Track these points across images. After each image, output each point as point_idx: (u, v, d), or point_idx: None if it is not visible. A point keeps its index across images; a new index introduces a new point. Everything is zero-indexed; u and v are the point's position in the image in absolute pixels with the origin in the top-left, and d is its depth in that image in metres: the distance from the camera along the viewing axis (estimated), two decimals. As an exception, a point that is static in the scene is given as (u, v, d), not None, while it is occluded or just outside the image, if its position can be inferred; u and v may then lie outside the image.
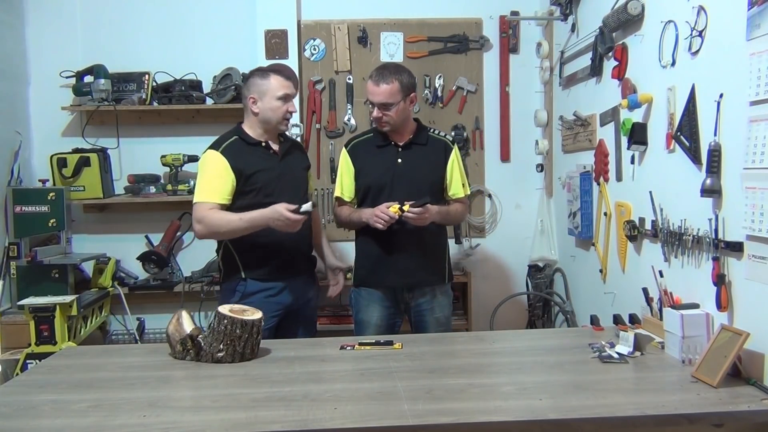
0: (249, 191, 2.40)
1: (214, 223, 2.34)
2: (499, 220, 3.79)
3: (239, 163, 2.39)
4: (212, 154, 2.41)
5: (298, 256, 2.54)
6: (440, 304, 2.60)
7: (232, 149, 2.42)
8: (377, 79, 2.44)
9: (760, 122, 1.63)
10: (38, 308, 2.84)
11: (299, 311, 2.54)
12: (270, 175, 2.45)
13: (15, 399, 1.69)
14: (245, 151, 2.44)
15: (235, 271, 2.46)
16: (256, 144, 2.47)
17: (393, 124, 2.49)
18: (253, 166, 2.42)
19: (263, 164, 2.45)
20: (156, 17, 3.63)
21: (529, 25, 3.68)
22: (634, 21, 2.38)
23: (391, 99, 2.43)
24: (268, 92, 2.42)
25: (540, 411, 1.54)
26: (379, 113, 2.45)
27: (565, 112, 3.22)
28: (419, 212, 2.34)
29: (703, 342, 1.81)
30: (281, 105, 2.43)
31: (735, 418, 1.52)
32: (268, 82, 2.43)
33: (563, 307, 3.31)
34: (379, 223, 2.37)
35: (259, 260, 2.44)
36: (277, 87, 2.42)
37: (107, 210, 3.68)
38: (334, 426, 1.47)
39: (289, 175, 2.52)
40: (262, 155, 2.47)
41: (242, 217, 2.31)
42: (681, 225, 2.03)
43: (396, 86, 2.43)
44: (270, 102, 2.42)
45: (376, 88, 2.43)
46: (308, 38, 3.66)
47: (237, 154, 2.41)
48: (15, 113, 3.49)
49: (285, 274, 2.46)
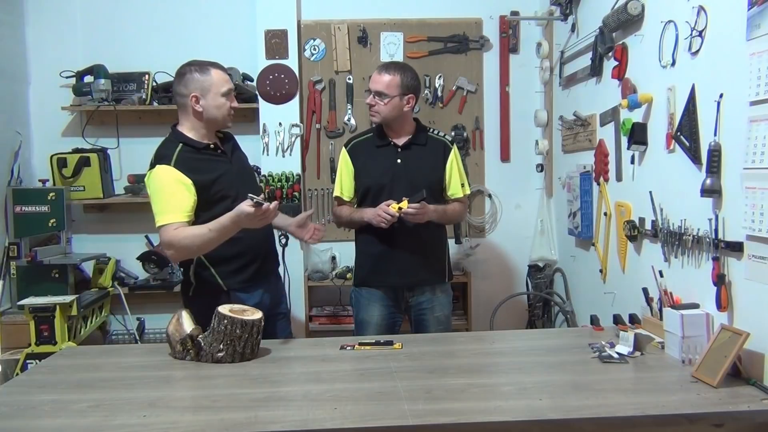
0: (215, 201, 2.20)
1: (184, 243, 2.10)
2: (499, 220, 3.79)
3: (197, 174, 2.16)
4: (164, 170, 2.15)
5: (272, 256, 2.47)
6: (440, 303, 2.60)
7: (183, 160, 2.17)
8: (381, 69, 2.50)
9: (760, 122, 1.63)
10: (38, 308, 2.84)
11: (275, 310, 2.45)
12: (230, 178, 2.26)
13: (15, 399, 1.69)
14: (197, 158, 2.21)
15: (213, 284, 2.27)
16: (205, 148, 2.25)
17: (382, 116, 2.50)
18: (211, 173, 2.21)
19: (220, 168, 2.25)
20: (156, 17, 3.64)
21: (529, 25, 3.68)
22: (634, 21, 2.38)
23: (387, 90, 2.45)
24: (212, 88, 2.22)
25: (540, 411, 1.53)
26: (372, 101, 2.49)
27: (565, 112, 3.22)
28: (417, 208, 2.35)
29: (703, 342, 1.81)
30: (225, 101, 2.24)
31: (735, 418, 1.52)
32: (210, 78, 2.22)
33: (563, 307, 3.31)
34: (383, 222, 2.38)
35: (237, 269, 2.29)
36: (220, 82, 2.23)
37: (107, 210, 3.68)
38: (334, 426, 1.47)
39: (243, 171, 2.40)
40: (215, 159, 2.27)
41: (211, 228, 2.09)
42: (681, 225, 2.03)
43: (396, 80, 2.45)
44: (215, 99, 2.22)
45: (378, 77, 2.48)
46: (308, 38, 3.66)
47: (190, 163, 2.18)
48: (15, 113, 3.49)
49: (262, 278, 2.37)
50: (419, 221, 2.40)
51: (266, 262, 2.41)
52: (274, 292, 2.47)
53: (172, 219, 2.12)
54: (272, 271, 2.51)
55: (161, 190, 2.16)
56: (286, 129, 3.54)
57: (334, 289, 3.59)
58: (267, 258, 2.42)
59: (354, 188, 2.60)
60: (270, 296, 2.42)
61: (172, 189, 2.15)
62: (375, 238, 2.52)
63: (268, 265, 2.44)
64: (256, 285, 2.35)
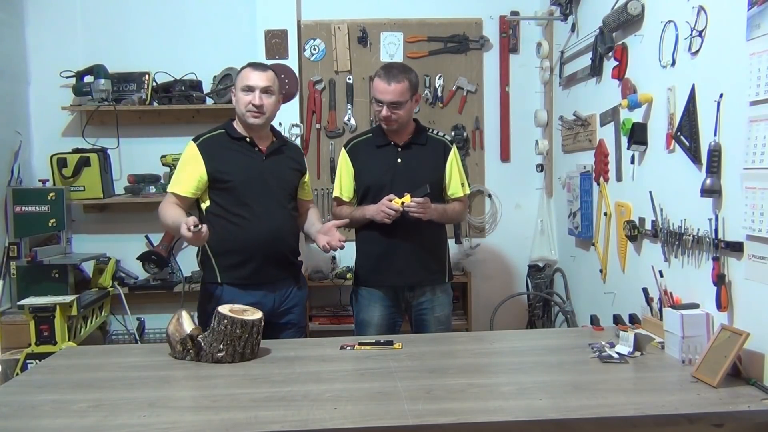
0: (222, 188, 2.32)
1: (160, 216, 2.32)
2: (499, 220, 3.79)
3: (213, 158, 2.33)
4: (188, 146, 2.38)
5: (279, 260, 2.38)
6: (441, 302, 2.60)
7: (210, 142, 2.37)
8: (388, 78, 2.42)
9: (760, 122, 1.63)
10: (38, 308, 2.84)
11: (282, 318, 2.41)
12: (248, 173, 2.34)
13: (15, 399, 1.69)
14: (226, 145, 2.36)
15: (212, 274, 2.36)
16: (241, 139, 2.38)
17: (401, 122, 2.49)
18: (229, 161, 2.34)
19: (242, 161, 2.35)
20: (156, 17, 3.64)
21: (529, 25, 3.68)
22: (634, 21, 2.38)
23: (401, 98, 2.43)
24: (237, 84, 2.36)
25: (540, 411, 1.53)
26: (388, 112, 2.44)
27: (565, 112, 3.22)
28: (421, 202, 2.35)
29: (703, 342, 1.81)
30: (243, 96, 2.32)
31: (735, 418, 1.52)
32: (240, 74, 2.37)
33: (563, 307, 3.31)
34: (387, 218, 2.37)
35: (236, 265, 2.33)
36: (243, 79, 2.34)
37: (107, 210, 3.68)
38: (334, 426, 1.47)
39: (272, 175, 2.38)
40: (244, 151, 2.37)
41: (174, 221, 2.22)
42: (681, 225, 2.03)
43: (406, 85, 2.44)
44: (237, 93, 2.35)
45: (387, 87, 2.42)
46: (308, 38, 3.66)
47: (215, 147, 2.35)
48: (15, 113, 3.49)
49: (264, 279, 2.35)
50: (422, 216, 2.40)
51: (270, 265, 2.35)
52: (280, 299, 2.40)
53: (171, 189, 2.37)
54: (284, 276, 2.42)
55: (179, 162, 2.41)
56: (286, 129, 3.54)
57: (334, 289, 3.59)
58: (272, 261, 2.35)
59: (354, 188, 2.60)
60: (273, 302, 2.37)
61: (183, 163, 2.38)
62: (375, 238, 2.52)
63: (273, 269, 2.37)
64: (254, 285, 2.33)
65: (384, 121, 2.49)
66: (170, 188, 2.37)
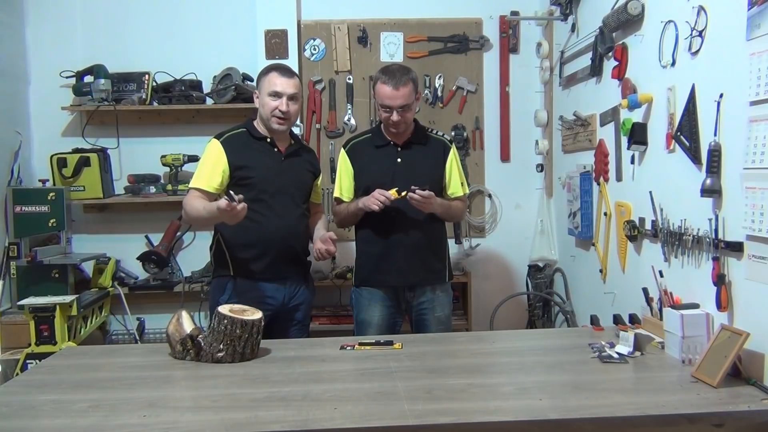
0: (243, 184, 2.38)
1: (186, 209, 2.37)
2: (499, 220, 3.79)
3: (236, 155, 2.40)
4: (212, 143, 2.44)
5: (291, 257, 2.49)
6: (441, 302, 2.60)
7: (233, 140, 2.44)
8: (395, 83, 2.41)
9: (760, 122, 1.63)
10: (38, 308, 2.84)
11: (290, 314, 2.51)
12: (268, 172, 2.44)
13: (15, 399, 1.69)
14: (248, 144, 2.45)
15: (225, 267, 2.46)
16: (262, 139, 2.47)
17: (408, 123, 2.52)
18: (251, 159, 2.42)
19: (263, 160, 2.45)
20: (156, 17, 3.63)
21: (529, 25, 3.68)
22: (634, 21, 2.38)
23: (409, 100, 2.45)
24: (263, 88, 2.43)
25: (540, 411, 1.54)
26: (398, 116, 2.44)
27: (565, 112, 3.22)
28: (426, 195, 2.35)
29: (703, 342, 1.81)
30: (270, 101, 2.41)
31: (735, 418, 1.52)
32: (265, 79, 2.44)
33: (563, 307, 3.31)
34: (376, 204, 2.37)
35: (250, 258, 2.42)
36: (270, 84, 2.41)
37: (107, 210, 3.68)
38: (334, 426, 1.47)
39: (289, 175, 2.49)
40: (265, 151, 2.47)
41: (204, 207, 2.29)
42: (681, 225, 2.03)
43: (411, 87, 2.45)
44: (263, 98, 2.43)
45: (396, 92, 2.41)
46: (308, 38, 3.66)
47: (237, 145, 2.43)
48: (15, 113, 3.49)
49: (276, 274, 2.44)
50: (425, 209, 2.41)
51: (282, 261, 2.45)
52: (290, 294, 2.50)
53: (194, 184, 2.40)
54: (294, 273, 2.52)
55: (202, 158, 2.46)
56: (286, 129, 3.54)
57: (334, 289, 3.59)
58: (284, 258, 2.45)
59: (354, 189, 2.61)
60: (284, 298, 2.47)
61: (207, 159, 2.42)
62: (375, 238, 2.53)
63: (290, 265, 2.48)
64: (266, 280, 2.43)
65: (393, 125, 2.49)
66: (193, 183, 2.41)
